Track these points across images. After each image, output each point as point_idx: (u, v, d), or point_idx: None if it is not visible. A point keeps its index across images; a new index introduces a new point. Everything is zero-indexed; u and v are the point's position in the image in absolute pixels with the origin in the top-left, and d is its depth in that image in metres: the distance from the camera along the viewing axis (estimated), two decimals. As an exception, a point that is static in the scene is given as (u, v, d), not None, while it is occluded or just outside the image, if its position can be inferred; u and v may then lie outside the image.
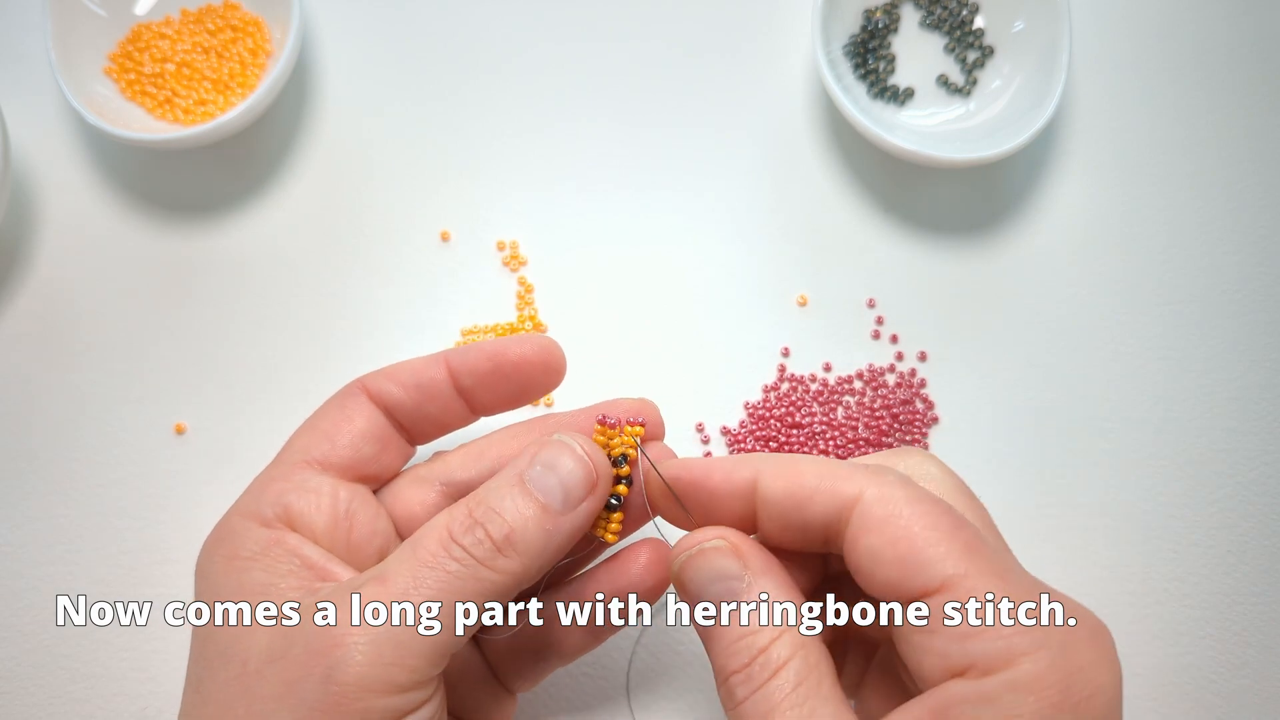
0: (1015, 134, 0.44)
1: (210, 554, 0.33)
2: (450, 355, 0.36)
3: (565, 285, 0.47)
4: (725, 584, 0.30)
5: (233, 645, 0.30)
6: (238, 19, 0.48)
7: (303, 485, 0.33)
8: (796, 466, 0.30)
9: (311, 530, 0.33)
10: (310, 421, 0.35)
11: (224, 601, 0.31)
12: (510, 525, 0.30)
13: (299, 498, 0.33)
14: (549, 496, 0.31)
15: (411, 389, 0.35)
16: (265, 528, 0.32)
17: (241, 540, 0.32)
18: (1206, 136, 0.49)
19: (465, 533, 0.30)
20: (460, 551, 0.30)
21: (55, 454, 0.45)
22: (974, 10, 0.49)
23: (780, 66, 0.50)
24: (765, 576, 0.30)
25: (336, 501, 0.33)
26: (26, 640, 0.43)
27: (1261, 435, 0.46)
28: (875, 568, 0.28)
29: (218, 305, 0.47)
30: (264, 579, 0.31)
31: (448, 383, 0.35)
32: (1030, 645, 0.26)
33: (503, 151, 0.49)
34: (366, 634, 0.28)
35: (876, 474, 0.29)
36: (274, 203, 0.48)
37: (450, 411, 0.36)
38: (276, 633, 0.30)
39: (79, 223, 0.48)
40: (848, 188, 0.48)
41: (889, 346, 0.47)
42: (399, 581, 0.29)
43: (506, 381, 0.36)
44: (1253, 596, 0.44)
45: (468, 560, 0.30)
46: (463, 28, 0.50)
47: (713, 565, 0.30)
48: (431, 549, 0.30)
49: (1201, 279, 0.48)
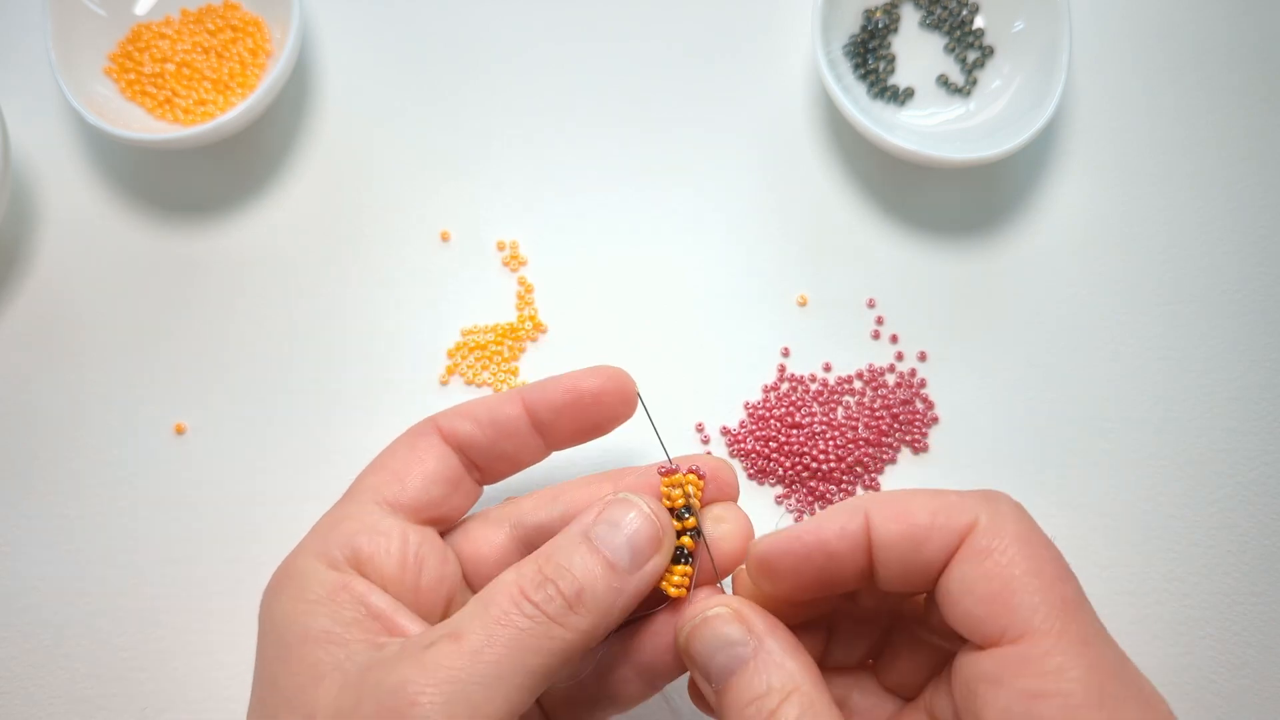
0: (1015, 134, 0.44)
1: (276, 593, 0.32)
2: (525, 392, 0.36)
3: (565, 285, 0.47)
4: (730, 651, 0.30)
5: (298, 696, 0.30)
6: (238, 19, 0.48)
7: (373, 528, 0.33)
8: (906, 506, 0.29)
9: (380, 574, 0.32)
10: (380, 460, 0.35)
11: (287, 644, 0.30)
12: (580, 582, 0.30)
13: (369, 540, 0.33)
14: (616, 555, 0.31)
15: (487, 425, 0.35)
16: (333, 569, 0.32)
17: (308, 582, 0.31)
18: (1206, 136, 0.49)
19: (536, 589, 0.30)
20: (531, 609, 0.29)
21: (55, 454, 0.45)
22: (974, 10, 0.49)
23: (780, 66, 0.50)
24: (770, 638, 0.29)
25: (406, 545, 0.33)
26: (26, 640, 0.43)
27: (1261, 435, 0.46)
28: (963, 598, 0.27)
29: (217, 305, 0.47)
30: (328, 626, 0.30)
31: (524, 418, 0.36)
32: None
33: (503, 151, 0.49)
34: (441, 693, 0.28)
35: (990, 500, 0.29)
36: (274, 203, 0.48)
37: (526, 448, 0.36)
38: (346, 687, 0.29)
39: (79, 223, 0.48)
40: (848, 188, 0.48)
41: (889, 346, 0.47)
42: (472, 640, 0.29)
43: (584, 414, 0.36)
44: (1253, 596, 0.44)
45: (540, 617, 0.29)
46: (463, 28, 0.50)
47: (717, 633, 0.30)
48: (504, 606, 0.30)
49: (1201, 279, 0.48)
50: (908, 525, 0.29)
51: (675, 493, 0.33)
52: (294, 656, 0.30)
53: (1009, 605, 0.26)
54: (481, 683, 0.28)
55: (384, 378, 0.46)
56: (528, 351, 0.46)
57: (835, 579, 0.30)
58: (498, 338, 0.46)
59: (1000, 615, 0.26)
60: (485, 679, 0.28)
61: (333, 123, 0.49)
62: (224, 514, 0.44)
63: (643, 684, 0.35)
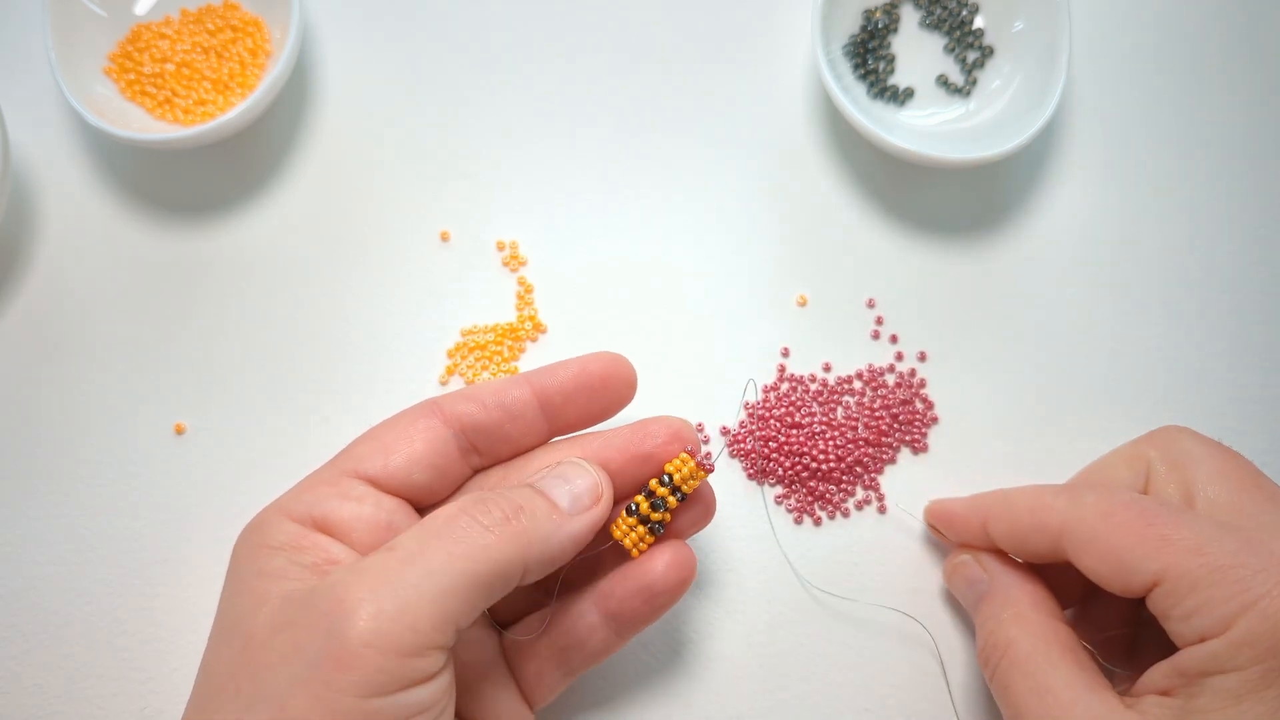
0: (1015, 134, 0.44)
1: (241, 542, 0.33)
2: (532, 376, 0.36)
3: (565, 285, 0.47)
4: (974, 589, 0.38)
5: (239, 622, 0.31)
6: (238, 19, 0.48)
7: (346, 493, 0.33)
8: (1012, 509, 0.37)
9: (348, 539, 0.33)
10: (375, 430, 0.35)
11: (242, 580, 0.32)
12: (520, 503, 0.31)
13: (340, 505, 0.33)
14: (556, 496, 0.33)
15: (494, 408, 0.35)
16: (299, 525, 0.33)
17: (272, 531, 0.32)
18: (1206, 136, 0.49)
19: (474, 505, 0.31)
20: (468, 520, 0.30)
21: (55, 454, 0.45)
22: (974, 10, 0.49)
23: (780, 67, 0.50)
24: (1002, 575, 0.38)
25: (379, 512, 0.33)
26: (26, 640, 0.43)
27: (1261, 435, 0.46)
28: (1101, 579, 0.33)
29: (217, 305, 0.47)
30: (284, 565, 0.31)
31: (532, 402, 0.36)
32: (1239, 609, 0.30)
33: (503, 151, 0.49)
34: (372, 591, 0.28)
35: (1073, 500, 0.35)
36: (274, 203, 0.48)
37: (530, 431, 0.36)
38: (285, 604, 0.30)
39: (79, 223, 0.48)
40: (848, 188, 0.48)
41: (889, 346, 0.47)
42: (406, 547, 0.30)
43: (593, 397, 0.36)
44: (1253, 596, 0.44)
45: (475, 526, 0.30)
46: (463, 28, 0.50)
47: (965, 576, 0.39)
48: (440, 520, 0.31)
49: (1201, 279, 0.48)
50: (1013, 525, 0.37)
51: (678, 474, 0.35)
52: (245, 590, 0.31)
53: (1126, 571, 0.33)
54: (413, 584, 0.29)
55: (384, 378, 0.46)
56: (528, 351, 0.46)
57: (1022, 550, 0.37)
58: (497, 338, 0.46)
59: (1130, 579, 0.32)
60: (417, 579, 0.29)
61: (333, 123, 0.49)
62: (224, 514, 0.44)
63: (611, 633, 0.36)
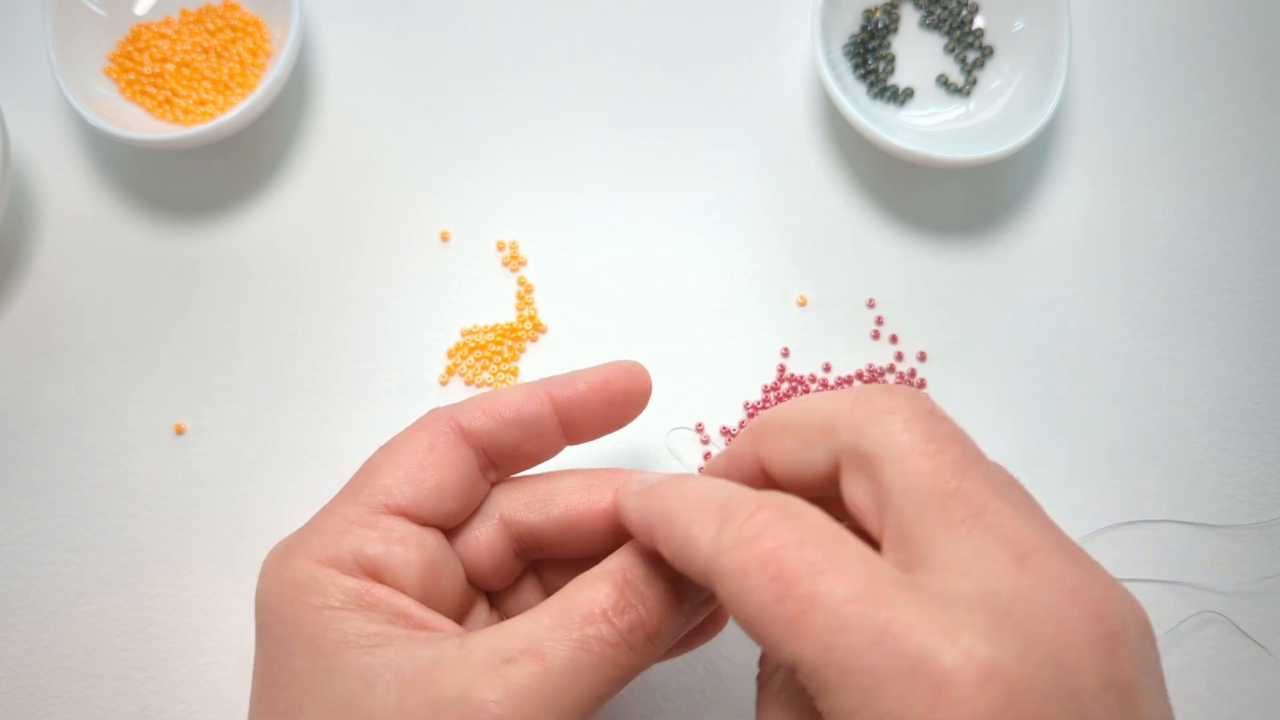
0: (1015, 134, 0.44)
1: (290, 600, 0.30)
2: (552, 389, 0.34)
3: (565, 285, 0.47)
4: None
5: (353, 702, 0.28)
6: (238, 19, 0.48)
7: (388, 534, 0.31)
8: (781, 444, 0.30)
9: (399, 583, 0.31)
10: (393, 457, 0.33)
11: (324, 653, 0.29)
12: (659, 614, 0.29)
13: (387, 549, 0.31)
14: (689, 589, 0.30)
15: (514, 426, 0.33)
16: (349, 576, 0.30)
17: (326, 589, 0.30)
18: (1206, 136, 0.49)
19: (619, 615, 0.29)
20: (615, 636, 0.29)
21: (55, 454, 0.45)
22: (974, 10, 0.49)
23: (780, 67, 0.50)
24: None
25: (423, 552, 0.31)
26: (26, 640, 0.43)
27: (1261, 435, 0.46)
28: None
29: (217, 305, 0.47)
30: (366, 628, 0.29)
31: (552, 417, 0.34)
32: None
33: (503, 151, 0.49)
34: (519, 711, 0.27)
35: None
36: (274, 203, 0.48)
37: (549, 446, 0.35)
38: (408, 690, 0.28)
39: (79, 223, 0.48)
40: (848, 188, 0.48)
41: (889, 346, 0.47)
42: (556, 662, 0.28)
43: (613, 411, 0.35)
44: (1254, 596, 0.44)
45: (622, 646, 0.29)
46: (463, 28, 0.50)
47: None
48: (587, 630, 0.28)
49: (1201, 279, 0.48)
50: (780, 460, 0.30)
51: None
52: (338, 665, 0.29)
53: None
54: (556, 705, 0.27)
55: (384, 378, 0.46)
56: (528, 351, 0.46)
57: None
58: (497, 338, 0.46)
59: None
60: (561, 703, 0.27)
61: (333, 123, 0.49)
62: (224, 514, 0.44)
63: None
